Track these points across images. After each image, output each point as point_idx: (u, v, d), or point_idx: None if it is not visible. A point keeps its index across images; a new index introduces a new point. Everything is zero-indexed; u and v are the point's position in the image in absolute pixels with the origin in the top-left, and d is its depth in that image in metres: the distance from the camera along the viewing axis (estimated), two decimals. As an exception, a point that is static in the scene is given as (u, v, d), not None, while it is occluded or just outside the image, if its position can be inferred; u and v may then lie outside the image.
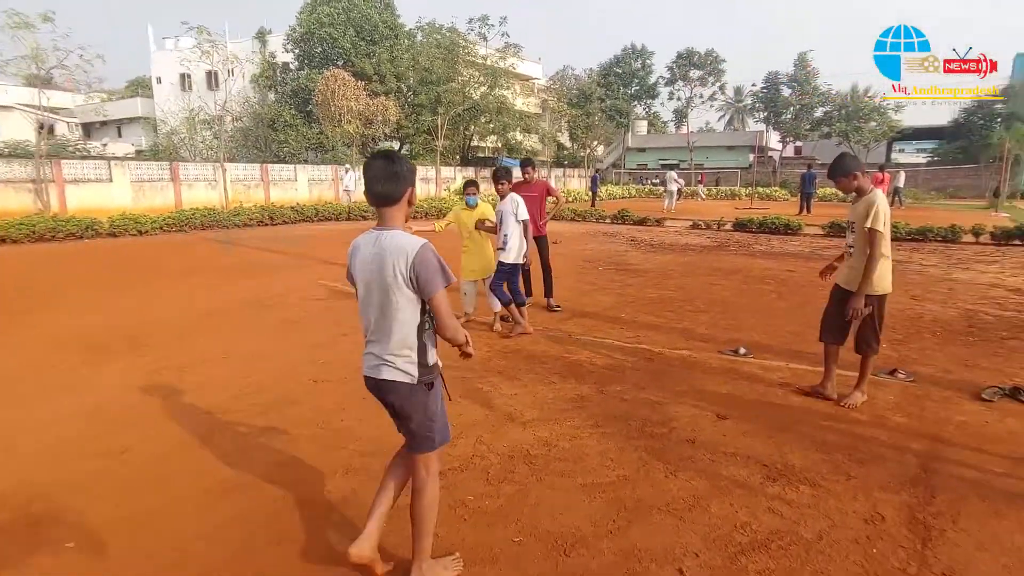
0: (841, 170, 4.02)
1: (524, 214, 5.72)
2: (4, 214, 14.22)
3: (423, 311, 2.11)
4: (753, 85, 43.09)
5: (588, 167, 40.03)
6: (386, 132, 26.38)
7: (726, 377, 4.62)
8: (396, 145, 35.06)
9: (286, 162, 27.09)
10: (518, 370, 4.74)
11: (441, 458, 2.42)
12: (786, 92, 41.00)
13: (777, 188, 35.18)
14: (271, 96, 35.16)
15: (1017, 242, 12.55)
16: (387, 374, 2.13)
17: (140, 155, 36.84)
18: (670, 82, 43.01)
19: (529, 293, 7.21)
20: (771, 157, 44.15)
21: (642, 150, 47.84)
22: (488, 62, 31.96)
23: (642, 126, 49.15)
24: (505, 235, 5.67)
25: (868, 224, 3.79)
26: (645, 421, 3.76)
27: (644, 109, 47.88)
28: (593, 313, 6.73)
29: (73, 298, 7.40)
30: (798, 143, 43.88)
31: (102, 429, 3.65)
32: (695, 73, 41.71)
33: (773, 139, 45.50)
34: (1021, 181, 32.30)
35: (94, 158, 19.97)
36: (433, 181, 29.90)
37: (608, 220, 18.70)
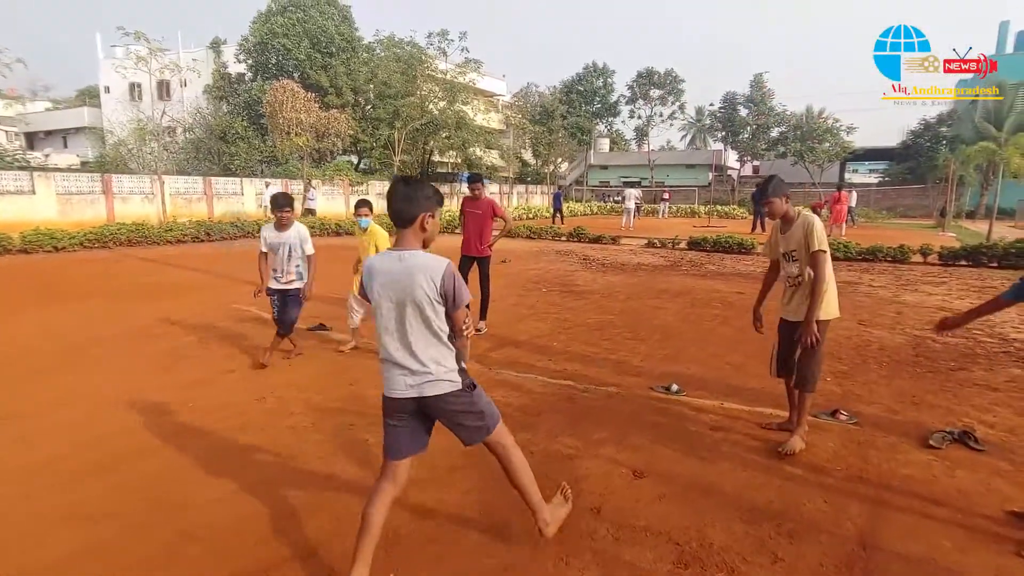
0: (775, 191, 3.63)
1: (311, 249, 5.23)
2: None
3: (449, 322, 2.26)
4: (711, 105, 43.85)
5: (551, 184, 39.95)
6: (341, 146, 25.58)
7: (653, 419, 4.10)
8: (354, 160, 34.31)
9: (237, 175, 26.04)
10: (419, 414, 4.13)
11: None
12: (743, 112, 41.78)
13: (735, 206, 35.57)
14: (225, 107, 34.04)
15: (963, 262, 12.57)
16: (434, 390, 2.23)
17: (85, 166, 35.14)
18: (631, 100, 43.41)
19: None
20: (730, 176, 44.88)
21: (604, 167, 48.10)
22: (448, 77, 31.56)
23: (604, 144, 49.49)
24: (297, 268, 5.22)
25: (816, 247, 3.44)
26: (548, 482, 3.18)
27: (606, 127, 48.21)
28: (524, 342, 6.17)
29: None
30: (756, 162, 44.72)
31: None
32: (655, 92, 42.21)
33: (732, 158, 46.30)
34: (966, 201, 33.44)
35: (12, 168, 18.62)
36: (390, 196, 29.12)
37: (564, 238, 18.31)
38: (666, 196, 33.47)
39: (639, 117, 44.27)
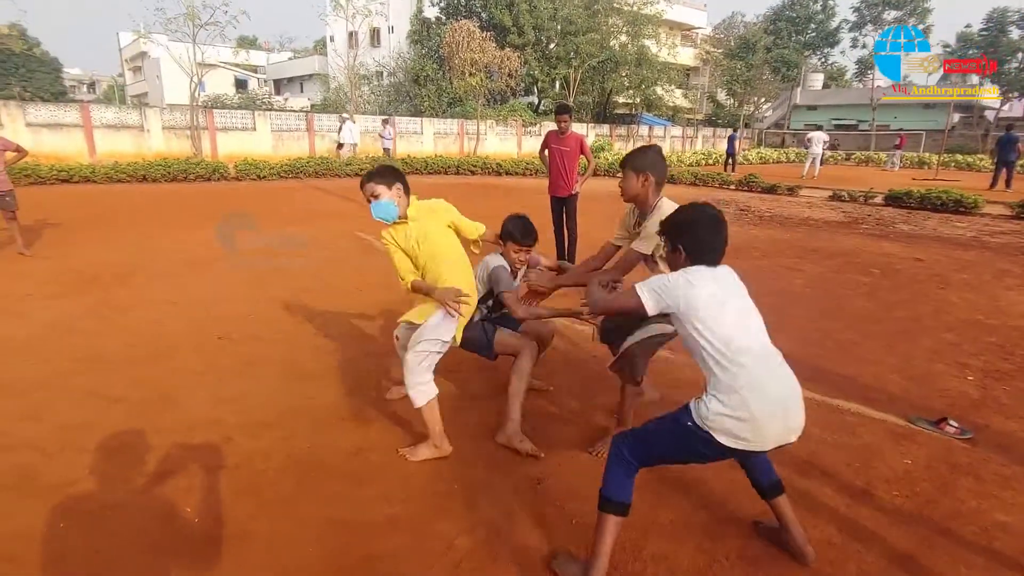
0: (635, 163, 2.61)
1: None
2: (168, 156, 16.28)
3: None
4: (967, 27, 34.79)
5: (746, 127, 35.77)
6: (513, 85, 25.65)
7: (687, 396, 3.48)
8: (534, 101, 34.38)
9: (425, 116, 27.85)
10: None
11: None
12: (1015, 35, 32.60)
13: (984, 156, 28.47)
14: (423, 51, 36.23)
15: None
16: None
17: (313, 108, 40.49)
18: (856, 26, 36.33)
19: (562, 255, 6.41)
20: (983, 117, 35.81)
21: (813, 108, 41.49)
22: (634, 8, 29.51)
23: (817, 80, 42.57)
24: None
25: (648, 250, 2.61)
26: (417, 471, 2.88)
27: (820, 60, 41.27)
28: (603, 292, 5.67)
29: (115, 234, 8.00)
30: (1027, 100, 35.05)
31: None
32: (890, 14, 34.73)
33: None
34: None
35: (241, 108, 22.01)
36: (563, 138, 28.78)
37: (732, 186, 16.44)
38: (899, 143, 27.11)
39: (864, 46, 36.97)
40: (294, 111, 27.84)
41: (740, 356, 1.77)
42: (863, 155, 31.08)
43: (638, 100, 31.38)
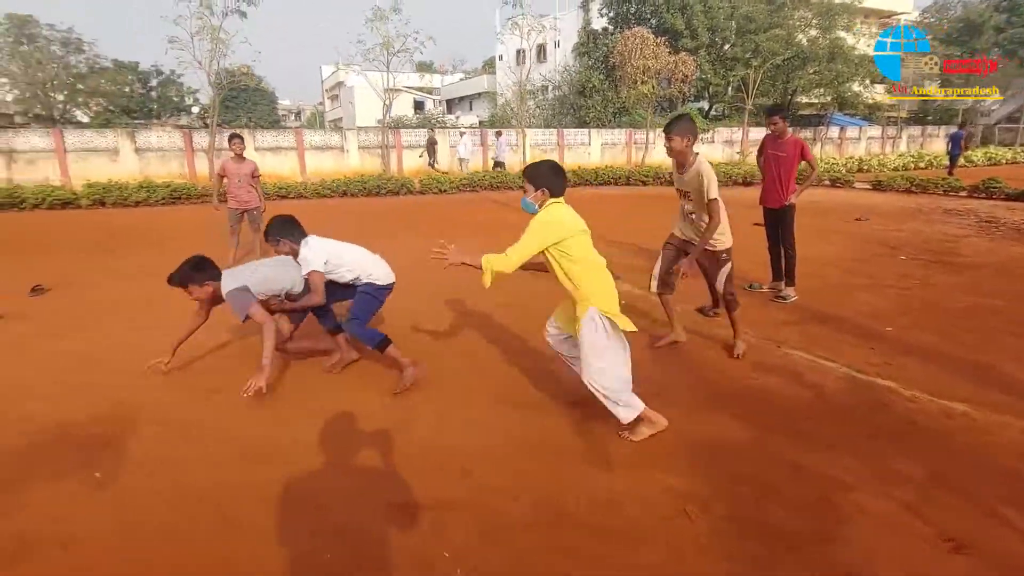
0: (679, 130, 3.66)
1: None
2: (363, 173, 17.92)
3: None
4: None
5: (967, 123, 30.27)
6: (687, 91, 24.41)
7: (1016, 466, 2.66)
8: (704, 106, 32.59)
9: (591, 127, 27.74)
10: (674, 390, 3.59)
11: None
12: None
13: None
14: (588, 63, 36.29)
15: None
16: None
17: (482, 124, 42.60)
18: None
19: (779, 276, 5.63)
20: None
21: (1062, 97, 33.93)
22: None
23: (1068, 62, 34.64)
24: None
25: (710, 196, 3.67)
26: (797, 512, 2.34)
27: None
28: (841, 319, 4.82)
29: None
30: None
31: None
32: None
33: None
34: None
35: (419, 127, 23.56)
36: (739, 144, 26.78)
37: (963, 193, 13.83)
38: None
39: None
40: (465, 128, 29.35)
41: None
42: None
43: (829, 99, 28.18)
